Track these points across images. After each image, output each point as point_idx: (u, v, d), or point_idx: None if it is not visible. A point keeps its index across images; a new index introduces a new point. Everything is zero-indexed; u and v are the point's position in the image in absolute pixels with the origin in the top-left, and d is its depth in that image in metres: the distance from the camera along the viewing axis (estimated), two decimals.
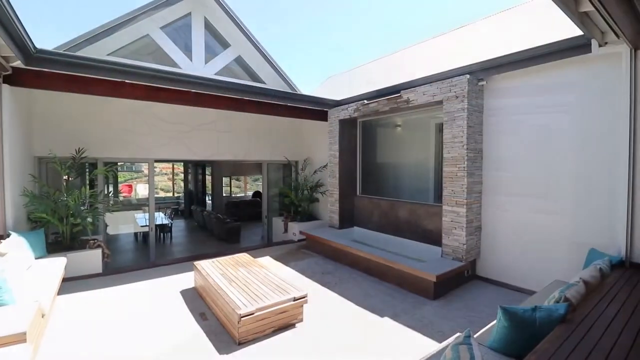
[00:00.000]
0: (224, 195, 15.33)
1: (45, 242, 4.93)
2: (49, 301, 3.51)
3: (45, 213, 5.00)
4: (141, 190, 20.40)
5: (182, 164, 17.76)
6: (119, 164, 9.29)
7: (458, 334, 2.27)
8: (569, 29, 4.03)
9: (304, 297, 3.67)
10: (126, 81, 5.25)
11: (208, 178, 15.42)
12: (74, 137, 6.06)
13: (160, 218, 10.21)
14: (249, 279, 4.08)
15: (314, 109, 7.61)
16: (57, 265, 4.41)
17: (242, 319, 3.21)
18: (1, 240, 4.20)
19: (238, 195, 20.19)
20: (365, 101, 6.62)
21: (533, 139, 4.56)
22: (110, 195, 7.35)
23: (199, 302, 4.30)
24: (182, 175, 18.42)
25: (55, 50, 4.75)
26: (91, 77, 4.96)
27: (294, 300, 3.58)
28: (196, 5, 8.61)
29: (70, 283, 4.83)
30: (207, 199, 15.65)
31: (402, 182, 6.88)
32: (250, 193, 19.81)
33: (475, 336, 2.60)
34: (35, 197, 5.09)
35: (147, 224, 7.68)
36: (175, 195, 20.46)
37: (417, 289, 4.55)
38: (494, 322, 2.56)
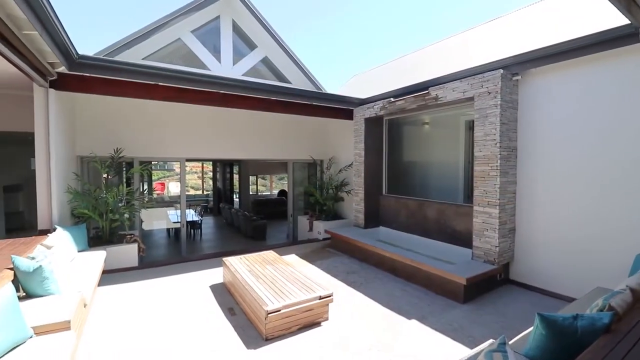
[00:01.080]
0: (251, 193, 15.66)
1: (87, 236, 5.26)
2: (91, 292, 3.74)
3: (87, 209, 5.34)
4: (173, 188, 21.29)
5: (211, 163, 18.34)
6: (152, 162, 9.72)
7: (491, 340, 2.18)
8: (605, 21, 3.78)
9: (329, 296, 3.67)
10: (159, 83, 5.48)
11: (235, 177, 15.83)
12: (113, 138, 6.41)
13: (191, 215, 10.60)
14: (276, 276, 4.14)
15: (339, 108, 7.59)
16: (98, 258, 4.69)
17: (269, 315, 3.26)
18: (48, 234, 4.53)
19: (264, 193, 20.56)
20: (391, 99, 6.50)
21: (573, 135, 4.28)
22: (145, 192, 7.72)
23: (228, 297, 4.42)
24: (211, 173, 19.02)
25: (95, 56, 5.03)
26: (127, 80, 5.23)
27: (319, 299, 3.59)
28: (225, 8, 8.83)
29: (109, 275, 5.12)
30: (234, 197, 16.07)
31: (429, 181, 6.71)
32: (275, 192, 20.10)
33: (509, 343, 2.49)
34: (78, 194, 5.44)
35: (179, 221, 7.99)
36: (205, 193, 21.17)
37: (446, 291, 4.42)
38: (530, 329, 2.44)
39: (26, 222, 9.77)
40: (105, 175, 5.98)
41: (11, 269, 3.15)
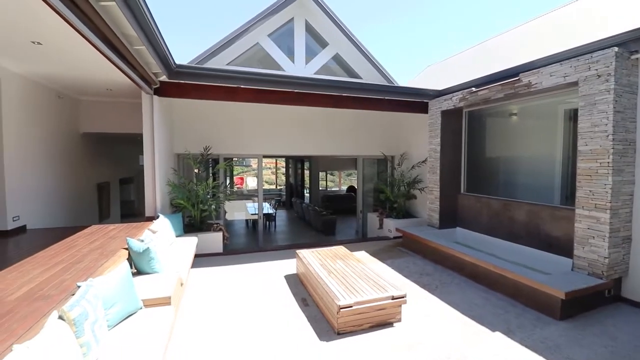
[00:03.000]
0: (320, 189, 16.04)
1: (183, 224, 5.99)
2: (186, 273, 4.25)
3: (183, 200, 6.08)
4: (250, 182, 23.01)
5: (284, 159, 19.29)
6: (233, 159, 10.61)
7: None
8: None
9: (402, 297, 3.56)
10: (240, 86, 5.94)
11: (306, 172, 16.37)
12: (202, 137, 7.16)
13: (266, 208, 11.31)
14: (347, 272, 4.16)
15: (413, 101, 7.25)
16: (191, 243, 5.31)
17: (341, 310, 3.29)
18: (153, 221, 5.28)
19: (333, 189, 20.88)
20: (473, 89, 5.97)
21: None
22: (228, 186, 8.47)
23: (301, 288, 4.61)
24: (284, 169, 20.01)
25: (189, 64, 5.68)
26: (215, 84, 5.79)
27: (392, 299, 3.50)
28: (298, 10, 9.12)
29: (199, 259, 5.76)
30: (305, 192, 16.65)
31: (517, 179, 6.00)
32: (344, 187, 20.24)
33: None
34: (176, 186, 6.23)
35: (256, 213, 8.59)
36: (278, 187, 22.39)
37: (538, 305, 3.91)
38: None
39: (136, 210, 11.59)
40: (196, 170, 6.73)
41: (126, 249, 3.76)
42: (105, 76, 5.20)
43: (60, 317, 2.03)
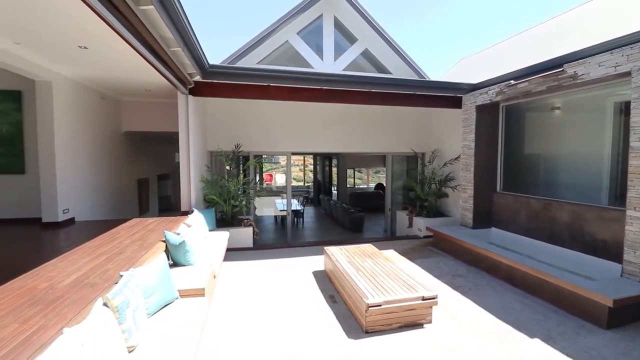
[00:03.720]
0: (348, 186, 15.96)
1: (215, 219, 6.20)
2: (218, 266, 4.40)
3: (215, 195, 6.29)
4: (279, 179, 23.40)
5: (311, 156, 19.39)
6: (263, 156, 10.82)
7: None
8: None
9: (433, 298, 3.46)
10: (271, 84, 6.02)
11: (334, 170, 16.35)
12: (233, 135, 7.36)
13: (295, 204, 11.43)
14: (376, 270, 4.12)
15: (445, 96, 6.99)
16: (223, 237, 5.48)
17: (370, 308, 3.27)
18: (188, 215, 5.51)
19: (361, 186, 20.72)
20: (511, 82, 5.66)
21: None
22: (257, 182, 8.66)
23: (329, 285, 4.62)
24: (312, 166, 20.11)
25: (221, 64, 5.84)
26: (245, 83, 5.92)
27: (422, 300, 3.42)
28: (327, 7, 9.09)
29: (230, 253, 5.94)
30: (333, 189, 16.65)
31: (559, 177, 5.63)
32: (372, 185, 20.02)
33: None
34: (209, 182, 6.46)
35: (285, 209, 8.70)
36: (306, 184, 22.56)
37: (582, 312, 3.65)
38: None
39: (172, 204, 12.18)
40: (227, 167, 6.94)
41: (164, 241, 3.95)
42: (144, 77, 5.47)
43: (105, 304, 2.17)
